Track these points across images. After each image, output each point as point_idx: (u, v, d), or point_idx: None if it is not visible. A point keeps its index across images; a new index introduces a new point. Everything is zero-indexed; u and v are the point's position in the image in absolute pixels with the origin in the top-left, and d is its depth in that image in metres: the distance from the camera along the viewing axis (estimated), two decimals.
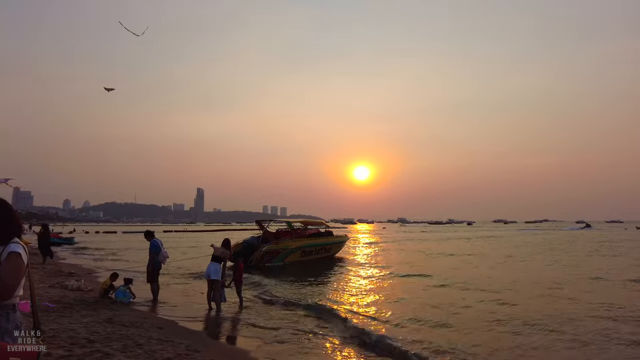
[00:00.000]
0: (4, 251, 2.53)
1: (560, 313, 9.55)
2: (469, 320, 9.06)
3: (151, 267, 10.57)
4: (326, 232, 24.00)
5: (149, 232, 11.13)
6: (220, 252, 10.10)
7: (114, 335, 6.80)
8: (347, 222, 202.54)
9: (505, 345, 7.29)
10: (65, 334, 6.53)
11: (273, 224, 23.92)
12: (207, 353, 6.33)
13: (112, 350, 5.92)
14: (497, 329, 8.33)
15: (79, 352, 5.66)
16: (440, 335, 7.91)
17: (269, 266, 18.64)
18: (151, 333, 7.18)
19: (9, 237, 2.60)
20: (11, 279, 2.48)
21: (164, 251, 10.72)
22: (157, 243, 10.64)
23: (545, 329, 8.24)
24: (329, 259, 22.27)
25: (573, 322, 8.75)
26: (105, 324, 7.62)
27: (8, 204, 2.73)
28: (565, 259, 22.92)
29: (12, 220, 2.67)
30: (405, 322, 8.87)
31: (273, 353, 6.89)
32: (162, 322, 8.40)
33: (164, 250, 10.71)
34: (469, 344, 7.31)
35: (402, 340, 7.40)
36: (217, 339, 7.81)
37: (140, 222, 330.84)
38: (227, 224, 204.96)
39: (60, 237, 38.60)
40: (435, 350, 6.98)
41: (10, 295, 2.49)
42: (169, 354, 5.99)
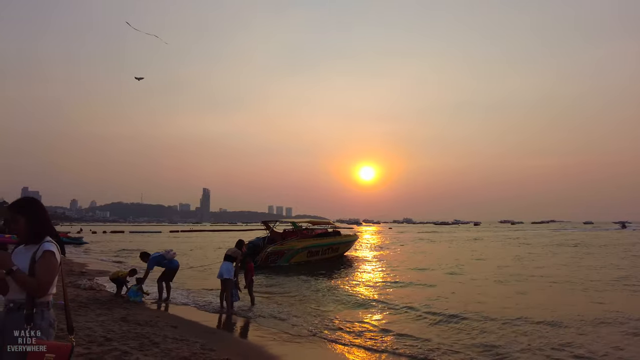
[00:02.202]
0: (39, 249, 2.57)
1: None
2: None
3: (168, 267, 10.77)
4: (334, 232, 24.00)
5: (144, 253, 11.28)
6: (232, 251, 10.19)
7: (130, 333, 6.86)
8: (353, 222, 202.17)
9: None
10: (83, 332, 6.59)
11: (280, 225, 23.97)
12: (222, 352, 6.36)
13: (130, 348, 5.98)
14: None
15: (97, 350, 5.72)
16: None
17: (274, 266, 18.68)
18: (166, 332, 7.24)
19: (43, 236, 2.64)
20: (46, 277, 2.51)
21: (170, 252, 10.89)
22: (155, 258, 10.77)
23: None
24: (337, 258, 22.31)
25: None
26: (121, 322, 7.69)
27: (41, 204, 2.76)
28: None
29: (45, 220, 2.71)
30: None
31: (287, 350, 6.94)
32: (175, 320, 8.45)
33: (167, 252, 10.89)
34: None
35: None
36: (231, 338, 7.87)
37: (146, 222, 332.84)
38: (233, 224, 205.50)
39: (68, 237, 38.90)
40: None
41: (45, 293, 2.53)
42: (185, 353, 6.02)
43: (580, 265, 20.01)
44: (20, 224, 2.61)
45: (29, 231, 2.62)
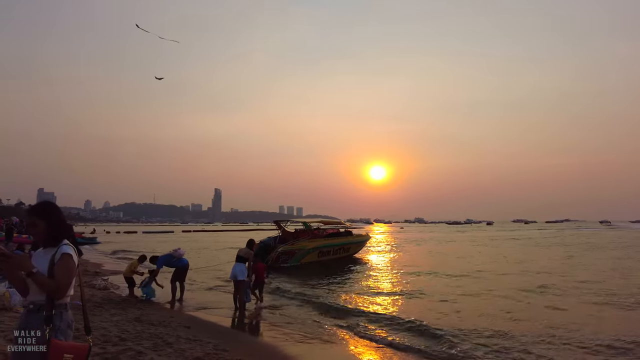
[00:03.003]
0: (57, 252, 2.64)
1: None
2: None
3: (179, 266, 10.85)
4: (345, 231, 23.97)
5: (152, 257, 11.36)
6: (244, 252, 10.25)
7: (144, 333, 6.95)
8: (364, 222, 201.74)
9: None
10: (98, 332, 6.70)
11: (291, 224, 24.04)
12: (235, 352, 6.40)
13: (144, 348, 6.06)
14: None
15: (112, 350, 5.82)
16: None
17: (285, 267, 18.73)
18: (179, 332, 7.32)
19: (61, 239, 2.71)
20: (64, 279, 2.58)
21: (178, 251, 10.98)
22: (163, 259, 10.87)
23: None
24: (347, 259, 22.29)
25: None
26: (135, 322, 7.80)
27: (58, 208, 2.84)
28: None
29: (63, 223, 2.78)
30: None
31: (300, 350, 6.95)
32: (189, 321, 8.54)
33: (175, 251, 10.98)
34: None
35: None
36: (244, 338, 7.92)
37: (159, 222, 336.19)
38: (244, 224, 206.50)
39: (83, 237, 39.45)
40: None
41: (63, 294, 2.60)
42: (198, 353, 6.08)
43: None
44: (39, 228, 2.68)
45: (48, 234, 2.70)
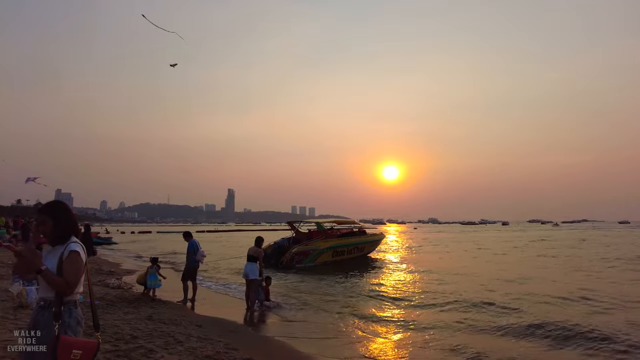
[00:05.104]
0: (65, 250, 2.68)
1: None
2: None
3: (189, 266, 10.85)
4: (359, 231, 23.91)
5: (188, 232, 11.43)
6: (254, 250, 10.26)
7: (156, 332, 7.01)
8: (377, 222, 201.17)
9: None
10: (110, 329, 6.79)
11: (304, 225, 24.02)
12: (246, 351, 6.42)
13: (155, 347, 6.11)
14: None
15: (124, 348, 5.87)
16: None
17: (300, 267, 18.74)
18: (190, 331, 7.37)
19: (69, 237, 2.76)
20: (73, 277, 2.62)
21: (201, 251, 10.98)
22: (195, 243, 10.91)
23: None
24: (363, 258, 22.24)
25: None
26: (147, 321, 7.87)
27: (67, 206, 2.88)
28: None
29: (71, 221, 2.82)
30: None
31: (311, 349, 6.96)
32: (200, 320, 8.59)
33: (201, 250, 10.98)
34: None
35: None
36: (255, 337, 7.93)
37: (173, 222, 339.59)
38: (257, 224, 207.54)
39: (99, 237, 40.00)
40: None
41: (72, 291, 2.64)
42: (209, 352, 6.11)
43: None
44: (48, 226, 2.73)
45: (56, 232, 2.74)
